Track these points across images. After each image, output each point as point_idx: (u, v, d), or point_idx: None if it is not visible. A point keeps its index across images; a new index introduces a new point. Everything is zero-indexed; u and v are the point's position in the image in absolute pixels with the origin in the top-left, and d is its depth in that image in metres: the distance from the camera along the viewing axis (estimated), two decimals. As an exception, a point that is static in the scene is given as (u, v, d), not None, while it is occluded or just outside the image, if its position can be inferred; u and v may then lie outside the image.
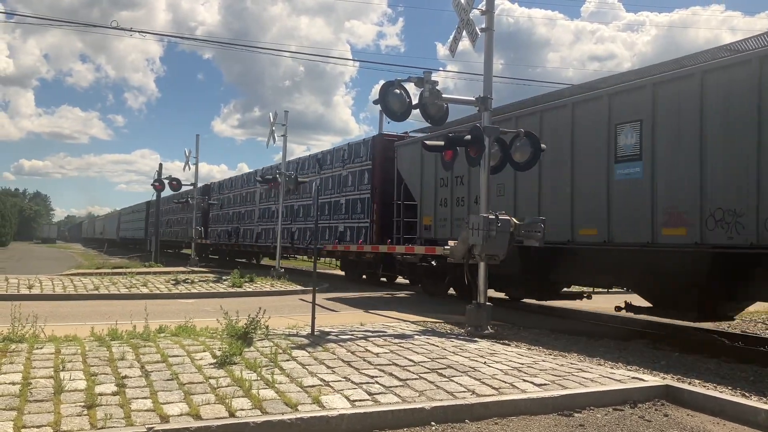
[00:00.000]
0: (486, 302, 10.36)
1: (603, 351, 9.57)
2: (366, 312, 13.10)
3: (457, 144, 10.35)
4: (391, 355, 7.53)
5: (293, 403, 5.45)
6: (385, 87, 10.01)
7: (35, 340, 7.40)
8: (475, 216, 10.17)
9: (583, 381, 6.78)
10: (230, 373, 6.29)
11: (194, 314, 10.98)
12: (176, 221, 41.95)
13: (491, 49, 10.68)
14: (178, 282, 18.33)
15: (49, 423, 4.74)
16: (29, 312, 8.34)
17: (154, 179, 29.97)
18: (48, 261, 39.31)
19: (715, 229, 9.78)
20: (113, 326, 8.13)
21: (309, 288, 18.54)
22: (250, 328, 7.95)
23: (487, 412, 5.84)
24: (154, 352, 7.00)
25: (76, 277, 19.62)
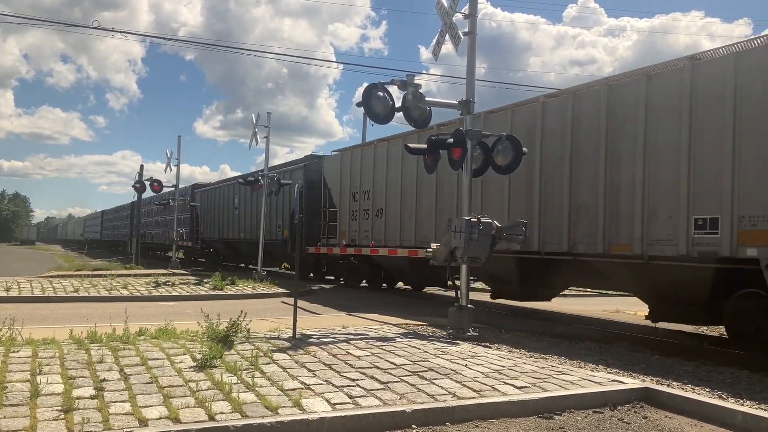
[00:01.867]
0: (468, 305, 10.39)
1: (584, 353, 9.62)
2: (348, 314, 13.08)
3: (439, 147, 10.38)
4: (373, 358, 7.53)
5: (274, 407, 5.43)
6: (368, 90, 10.01)
7: (12, 343, 7.30)
8: (458, 219, 10.20)
9: (564, 383, 6.81)
10: (210, 376, 6.25)
11: (175, 317, 10.89)
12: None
13: (474, 52, 10.73)
14: (159, 284, 18.19)
15: (25, 428, 4.68)
16: (7, 315, 8.25)
17: (135, 180, 29.73)
18: (27, 262, 38.80)
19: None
20: (92, 329, 8.05)
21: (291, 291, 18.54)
22: (231, 331, 7.92)
23: (467, 414, 5.86)
24: (134, 355, 6.94)
25: (55, 279, 19.41)
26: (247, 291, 17.80)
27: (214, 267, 26.92)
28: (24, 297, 14.63)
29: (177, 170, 29.20)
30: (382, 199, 18.09)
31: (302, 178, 21.76)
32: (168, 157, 29.32)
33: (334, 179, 21.12)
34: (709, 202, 9.65)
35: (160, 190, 28.85)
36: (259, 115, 21.81)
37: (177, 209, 29.67)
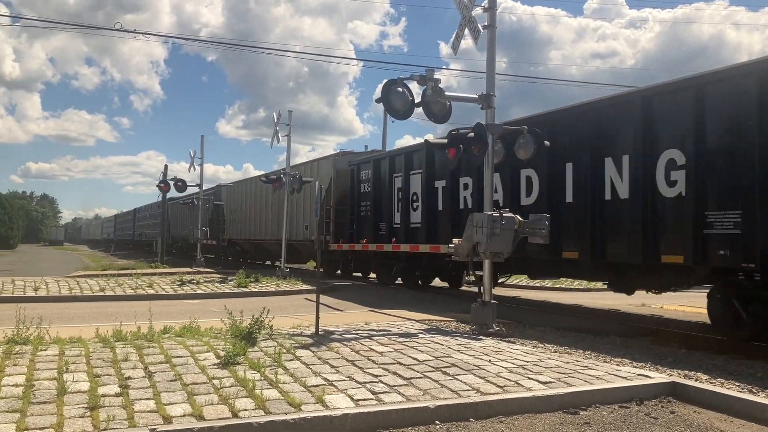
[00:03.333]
0: (491, 300, 10.32)
1: (609, 348, 9.52)
2: (371, 311, 13.07)
3: (460, 142, 10.32)
4: (396, 354, 7.51)
5: (297, 403, 5.43)
6: (387, 85, 9.96)
7: (40, 341, 7.40)
8: (479, 214, 10.13)
9: (589, 378, 6.74)
10: (234, 373, 6.27)
11: (199, 315, 10.99)
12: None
13: (494, 46, 10.64)
14: (184, 283, 18.34)
15: (52, 425, 4.73)
16: (35, 314, 8.36)
17: (160, 180, 30.01)
18: (55, 263, 39.40)
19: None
20: (118, 327, 8.13)
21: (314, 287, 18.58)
22: (254, 328, 7.94)
23: (491, 410, 5.81)
24: (158, 353, 6.99)
25: (82, 278, 19.65)
26: (271, 288, 17.88)
27: (239, 265, 27.23)
28: (52, 297, 14.84)
29: (200, 170, 29.42)
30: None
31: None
32: (191, 156, 29.55)
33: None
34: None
35: (184, 190, 29.09)
36: (280, 113, 21.89)
37: (201, 208, 29.89)
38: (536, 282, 22.45)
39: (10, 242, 79.13)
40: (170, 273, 23.28)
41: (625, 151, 11.37)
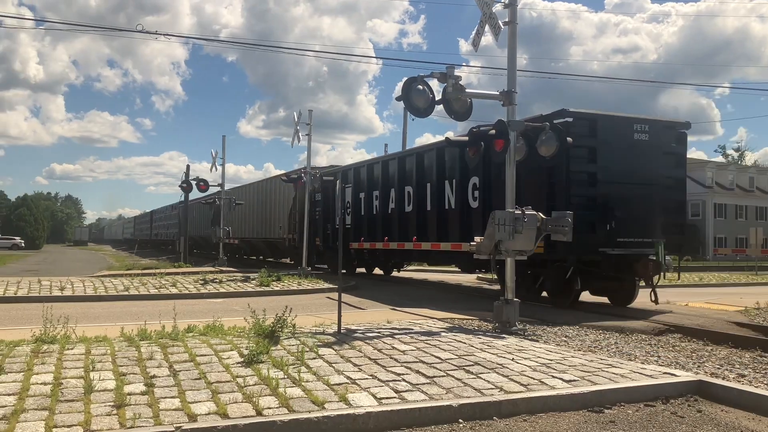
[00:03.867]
0: (513, 298, 10.27)
1: (634, 346, 9.44)
2: (393, 309, 13.07)
3: (481, 139, 10.27)
4: (418, 353, 7.50)
5: (320, 402, 5.44)
6: (407, 83, 9.94)
7: (66, 340, 7.49)
8: (501, 211, 10.08)
9: (614, 377, 6.68)
10: (257, 371, 6.30)
11: (222, 313, 11.07)
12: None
13: (515, 42, 10.57)
14: (207, 282, 18.48)
15: (80, 423, 4.79)
16: (61, 313, 8.46)
17: (182, 181, 30.25)
18: (80, 263, 39.90)
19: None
20: (142, 326, 8.21)
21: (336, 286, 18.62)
22: (276, 326, 7.98)
23: (515, 408, 5.79)
24: (183, 351, 7.05)
25: (106, 278, 19.87)
26: (293, 287, 17.95)
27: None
28: (77, 296, 15.03)
29: (222, 169, 29.61)
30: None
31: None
32: (213, 157, 29.76)
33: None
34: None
35: (206, 190, 29.30)
36: (300, 113, 21.96)
37: (223, 208, 30.08)
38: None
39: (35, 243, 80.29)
40: (193, 272, 23.47)
41: (452, 177, 16.68)
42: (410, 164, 19.03)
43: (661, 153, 14.00)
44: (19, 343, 7.26)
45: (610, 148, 13.39)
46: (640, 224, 13.64)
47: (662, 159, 14.02)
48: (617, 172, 13.42)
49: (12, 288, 15.80)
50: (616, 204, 13.25)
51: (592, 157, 13.39)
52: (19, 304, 14.02)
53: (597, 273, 14.01)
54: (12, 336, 8.03)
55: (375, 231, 21.15)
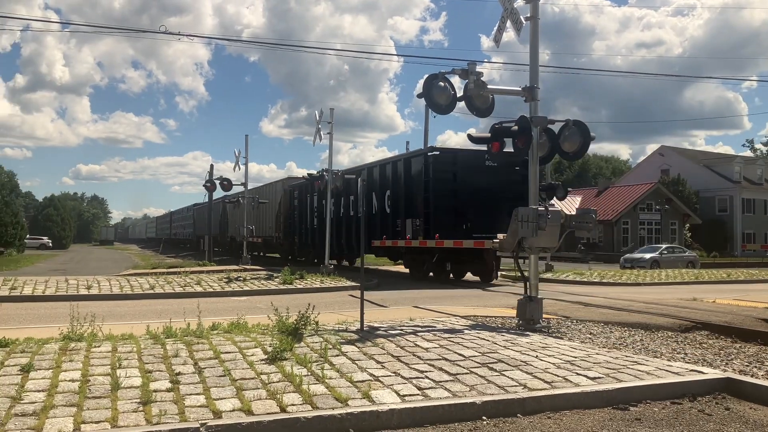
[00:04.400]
0: (537, 295, 10.20)
1: (660, 343, 9.33)
2: (415, 307, 13.06)
3: (504, 135, 10.21)
4: (441, 350, 7.48)
5: (343, 398, 5.46)
6: (428, 80, 9.91)
7: (93, 338, 7.59)
8: (524, 208, 10.02)
9: (639, 374, 6.61)
10: (281, 368, 6.33)
11: (246, 311, 11.15)
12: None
13: (537, 38, 10.50)
14: (231, 280, 18.63)
15: (107, 419, 4.85)
16: (88, 312, 8.58)
17: (206, 180, 30.50)
18: (105, 262, 40.41)
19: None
20: (167, 324, 8.30)
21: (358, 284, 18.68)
22: (300, 324, 8.01)
23: (539, 406, 5.75)
24: (207, 348, 7.11)
25: (132, 277, 20.12)
26: (316, 285, 18.03)
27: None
28: (104, 295, 15.23)
29: (245, 169, 29.83)
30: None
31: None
32: (236, 156, 29.97)
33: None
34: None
35: (230, 189, 29.52)
36: (322, 111, 22.03)
37: (246, 207, 30.28)
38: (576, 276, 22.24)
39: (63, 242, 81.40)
40: (217, 271, 23.67)
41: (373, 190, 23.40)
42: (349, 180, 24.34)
43: (507, 175, 19.18)
44: (47, 341, 7.38)
45: (467, 172, 19.43)
46: (488, 225, 17.61)
47: (507, 179, 19.17)
48: (472, 189, 19.42)
49: (40, 287, 16.06)
50: (471, 211, 19.24)
51: (454, 179, 19.84)
52: (47, 302, 14.25)
53: (459, 259, 20.06)
54: (41, 334, 8.16)
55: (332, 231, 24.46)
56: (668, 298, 16.23)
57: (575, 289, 19.41)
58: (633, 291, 19.26)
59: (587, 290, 18.94)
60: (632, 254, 37.97)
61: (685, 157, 63.88)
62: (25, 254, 52.38)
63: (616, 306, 14.17)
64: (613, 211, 50.75)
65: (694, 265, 35.94)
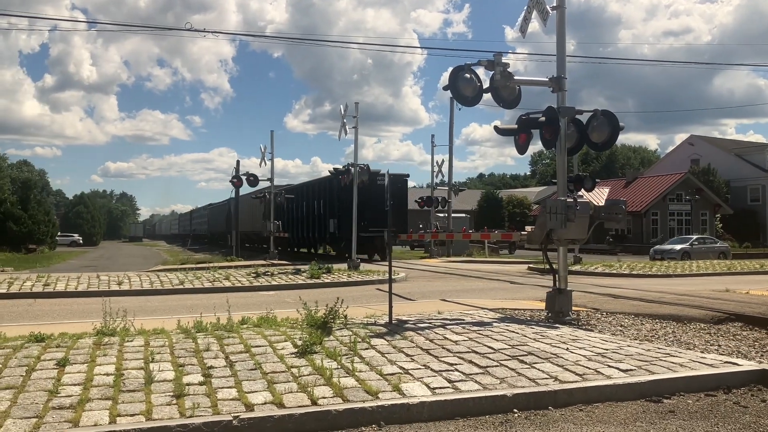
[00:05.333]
0: (567, 288, 10.12)
1: (692, 335, 9.21)
2: (442, 300, 13.03)
3: (531, 126, 10.13)
4: (470, 343, 7.46)
5: (374, 391, 5.47)
6: (454, 72, 9.85)
7: (126, 333, 7.70)
8: (553, 200, 9.93)
9: (672, 366, 6.52)
10: (311, 361, 6.37)
11: (275, 305, 11.20)
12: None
13: (563, 27, 10.39)
14: (259, 275, 18.76)
15: (142, 412, 4.92)
16: (120, 307, 8.70)
17: (233, 176, 30.72)
18: (136, 258, 41.00)
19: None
20: (198, 319, 8.39)
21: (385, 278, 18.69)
22: (329, 317, 8.04)
23: (571, 398, 5.71)
24: (238, 342, 7.17)
25: (162, 273, 20.36)
26: (343, 279, 18.09)
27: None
28: (134, 290, 15.43)
29: (271, 164, 30.01)
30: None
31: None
32: (262, 152, 30.15)
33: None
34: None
35: (256, 185, 29.70)
36: (347, 105, 22.06)
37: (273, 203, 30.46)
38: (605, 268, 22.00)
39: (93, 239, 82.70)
40: (245, 266, 23.86)
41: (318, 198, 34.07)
42: (306, 190, 37.47)
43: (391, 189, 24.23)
44: (81, 336, 7.50)
45: (365, 188, 24.95)
46: (378, 224, 26.08)
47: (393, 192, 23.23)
48: (368, 200, 26.94)
49: (73, 283, 16.33)
50: (367, 214, 26.65)
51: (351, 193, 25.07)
52: (79, 298, 14.48)
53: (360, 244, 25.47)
54: (74, 329, 8.30)
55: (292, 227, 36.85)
56: (700, 289, 16.00)
57: (604, 281, 19.22)
58: (663, 282, 19.02)
59: (616, 282, 18.75)
60: (662, 245, 37.52)
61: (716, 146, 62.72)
62: (57, 251, 53.34)
63: (646, 298, 14.01)
64: (642, 201, 50.09)
65: (726, 256, 35.39)
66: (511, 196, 65.34)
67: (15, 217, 48.09)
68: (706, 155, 59.57)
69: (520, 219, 59.04)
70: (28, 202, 51.96)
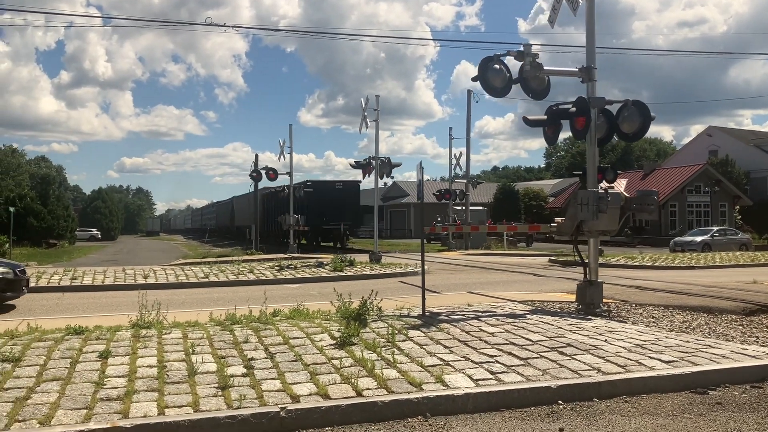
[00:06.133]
0: (597, 279, 10.05)
1: (726, 326, 9.12)
2: (469, 293, 12.99)
3: (561, 117, 10.04)
4: (507, 335, 7.43)
5: (417, 383, 5.46)
6: (484, 63, 9.77)
7: (161, 326, 7.74)
8: (584, 191, 9.86)
9: (714, 357, 6.46)
10: (351, 353, 6.36)
11: (301, 298, 11.21)
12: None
13: (593, 17, 10.30)
14: (282, 268, 18.80)
15: (189, 403, 4.94)
16: (148, 300, 8.73)
17: (252, 170, 30.77)
18: (155, 252, 41.21)
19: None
20: (231, 311, 8.41)
21: (408, 271, 18.70)
22: (363, 309, 8.04)
23: (615, 390, 5.67)
24: (275, 334, 7.18)
25: (186, 266, 20.46)
26: (366, 272, 18.09)
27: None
28: (160, 284, 15.49)
29: (290, 158, 30.04)
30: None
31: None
32: (281, 146, 30.19)
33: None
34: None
35: (275, 178, 29.74)
36: (368, 98, 22.03)
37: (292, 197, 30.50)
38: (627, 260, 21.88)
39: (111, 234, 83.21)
40: (268, 259, 23.92)
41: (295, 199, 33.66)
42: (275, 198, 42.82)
43: (347, 193, 37.10)
44: (118, 329, 7.55)
45: (325, 192, 35.80)
46: (335, 218, 35.25)
47: (347, 195, 37.12)
48: (328, 201, 35.17)
49: (99, 277, 16.45)
50: (327, 212, 34.81)
51: (316, 196, 35.10)
52: (107, 292, 14.59)
53: (323, 235, 36.46)
54: (106, 322, 8.37)
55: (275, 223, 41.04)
56: (726, 281, 15.85)
57: (627, 273, 19.09)
58: (687, 274, 18.86)
59: (640, 274, 18.62)
60: (682, 237, 37.21)
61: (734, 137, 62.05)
62: (77, 246, 53.80)
63: (673, 290, 13.90)
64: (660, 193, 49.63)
65: (747, 248, 35.04)
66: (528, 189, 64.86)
67: (35, 213, 48.49)
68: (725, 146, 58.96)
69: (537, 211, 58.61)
70: (47, 198, 52.42)
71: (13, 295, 11.68)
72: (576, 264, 20.23)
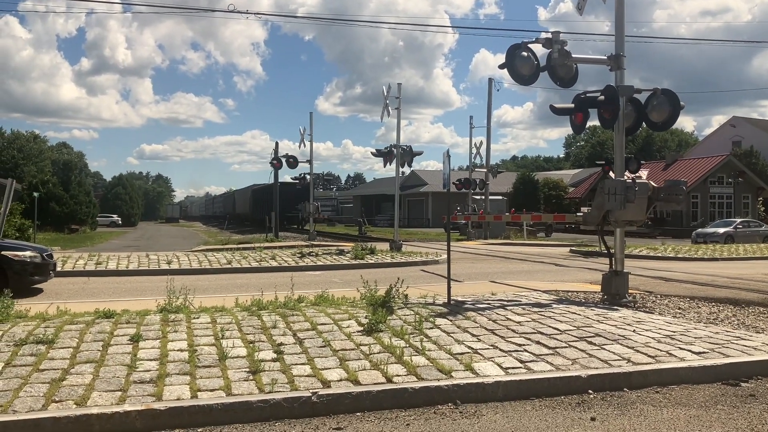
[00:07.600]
0: (623, 269, 9.98)
1: (755, 318, 9.02)
2: (492, 282, 12.97)
3: (588, 106, 9.94)
4: (534, 324, 7.40)
5: (447, 370, 5.46)
6: (511, 50, 9.69)
7: (188, 310, 7.80)
8: (611, 180, 9.77)
9: (746, 349, 6.40)
10: (379, 340, 6.38)
11: (324, 285, 11.25)
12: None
13: (622, 4, 10.19)
14: (303, 255, 18.87)
15: (221, 387, 4.98)
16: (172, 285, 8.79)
17: (272, 158, 30.83)
18: (176, 239, 41.50)
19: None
20: (256, 297, 8.45)
21: (428, 259, 18.69)
22: (389, 297, 8.05)
23: (645, 380, 5.64)
24: (303, 320, 7.21)
25: (208, 252, 20.60)
26: (386, 260, 18.10)
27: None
28: (183, 269, 15.61)
29: (310, 146, 30.03)
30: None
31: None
32: (301, 133, 30.18)
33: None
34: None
35: (296, 166, 29.77)
36: (390, 86, 21.95)
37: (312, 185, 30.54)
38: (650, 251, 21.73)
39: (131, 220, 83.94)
40: (289, 246, 24.02)
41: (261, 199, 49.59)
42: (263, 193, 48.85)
43: (298, 192, 42.74)
44: (146, 313, 7.62)
45: (290, 191, 44.81)
46: (293, 209, 41.24)
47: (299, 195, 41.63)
48: (288, 200, 42.66)
49: (123, 262, 16.61)
50: (288, 204, 42.17)
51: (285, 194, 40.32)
52: (132, 277, 14.73)
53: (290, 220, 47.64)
54: (133, 306, 8.43)
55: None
56: (751, 273, 15.69)
57: (650, 264, 18.93)
58: (711, 266, 18.66)
59: (663, 265, 18.44)
60: (705, 229, 36.79)
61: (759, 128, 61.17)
62: (98, 231, 54.31)
63: (698, 281, 13.79)
64: (682, 184, 49.09)
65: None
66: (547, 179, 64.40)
67: (57, 198, 49.04)
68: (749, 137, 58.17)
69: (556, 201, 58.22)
70: (69, 183, 52.97)
71: (41, 278, 11.83)
72: (598, 254, 20.16)
